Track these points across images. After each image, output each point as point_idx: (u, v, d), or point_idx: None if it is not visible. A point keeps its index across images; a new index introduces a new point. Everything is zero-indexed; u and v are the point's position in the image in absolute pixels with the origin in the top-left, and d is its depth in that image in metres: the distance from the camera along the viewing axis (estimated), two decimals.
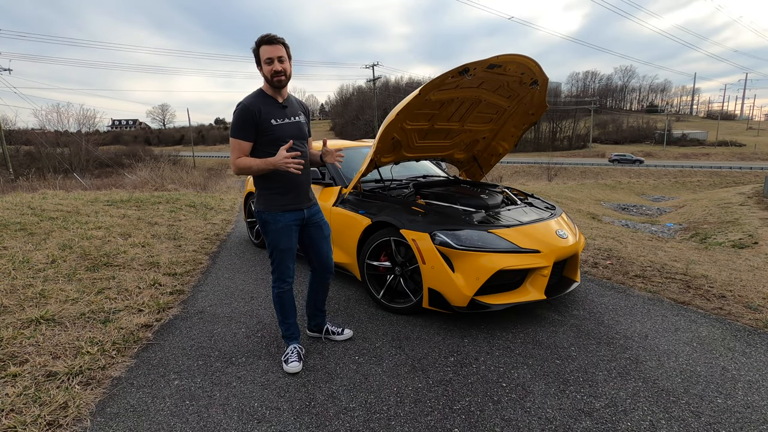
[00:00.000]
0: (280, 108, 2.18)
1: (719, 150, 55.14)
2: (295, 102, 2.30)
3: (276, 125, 2.14)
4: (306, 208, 2.32)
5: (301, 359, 2.37)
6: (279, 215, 2.23)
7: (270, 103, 2.15)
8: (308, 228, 2.37)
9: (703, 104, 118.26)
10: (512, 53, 2.91)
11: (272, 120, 2.13)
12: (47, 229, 5.07)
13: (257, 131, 2.11)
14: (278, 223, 2.23)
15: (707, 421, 1.91)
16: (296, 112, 2.26)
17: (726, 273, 4.31)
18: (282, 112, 2.18)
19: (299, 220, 2.30)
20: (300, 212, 2.29)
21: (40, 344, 2.50)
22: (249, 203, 5.02)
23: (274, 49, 2.06)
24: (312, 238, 2.40)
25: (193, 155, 44.82)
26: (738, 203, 13.60)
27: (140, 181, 13.13)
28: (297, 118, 2.24)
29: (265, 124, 2.11)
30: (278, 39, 2.07)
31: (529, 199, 3.90)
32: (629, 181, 26.98)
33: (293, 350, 2.39)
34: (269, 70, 2.07)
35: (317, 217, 2.40)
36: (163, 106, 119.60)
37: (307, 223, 2.35)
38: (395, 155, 3.79)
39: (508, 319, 2.96)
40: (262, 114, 2.10)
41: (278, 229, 2.24)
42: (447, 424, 1.91)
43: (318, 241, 2.42)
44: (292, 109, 2.24)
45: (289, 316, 2.42)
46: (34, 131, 37.42)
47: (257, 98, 2.14)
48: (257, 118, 2.08)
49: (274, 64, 2.06)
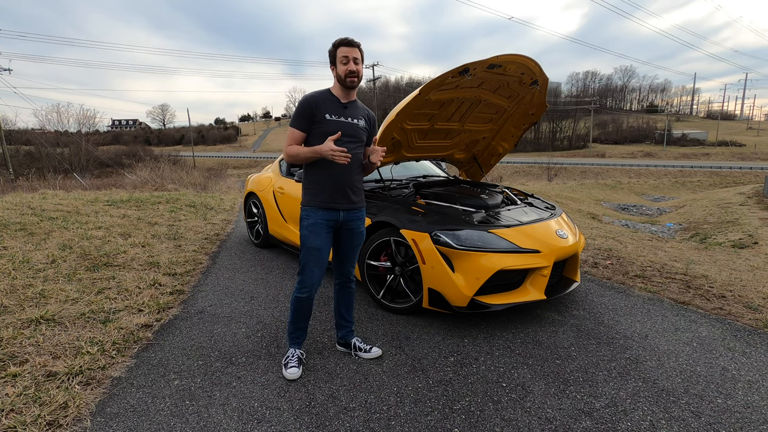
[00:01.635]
0: (341, 107, 2.20)
1: (719, 150, 55.10)
2: (359, 108, 2.29)
3: (329, 120, 2.15)
4: (343, 210, 2.25)
5: (301, 364, 2.31)
6: (312, 211, 2.22)
7: (331, 100, 2.19)
8: (340, 231, 2.31)
9: (703, 104, 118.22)
10: (512, 53, 2.92)
11: (327, 114, 2.15)
12: (47, 229, 5.07)
13: (312, 123, 2.15)
14: (310, 218, 2.22)
15: (707, 421, 1.91)
16: (357, 115, 2.25)
17: (726, 273, 4.31)
18: (340, 111, 2.19)
19: (333, 221, 2.24)
20: (335, 212, 2.23)
21: (40, 344, 2.50)
22: (249, 203, 5.02)
23: (352, 50, 2.12)
24: (341, 241, 2.34)
25: (193, 155, 44.83)
26: (738, 203, 13.59)
27: (140, 181, 13.13)
28: (355, 120, 2.23)
29: (319, 116, 2.14)
30: (356, 42, 2.14)
31: (529, 199, 3.90)
32: (629, 181, 26.98)
33: (293, 354, 2.34)
34: (344, 69, 2.12)
35: (354, 224, 2.32)
36: (163, 106, 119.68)
37: (341, 226, 2.29)
38: (395, 155, 3.79)
39: (508, 319, 2.96)
40: (319, 107, 2.14)
41: (309, 224, 2.22)
42: (447, 424, 1.91)
43: (343, 245, 2.36)
44: (353, 111, 2.24)
45: (301, 320, 2.36)
46: (34, 131, 37.40)
47: (321, 93, 2.20)
48: (313, 110, 2.14)
49: (350, 64, 2.11)
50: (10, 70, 28.89)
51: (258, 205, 4.81)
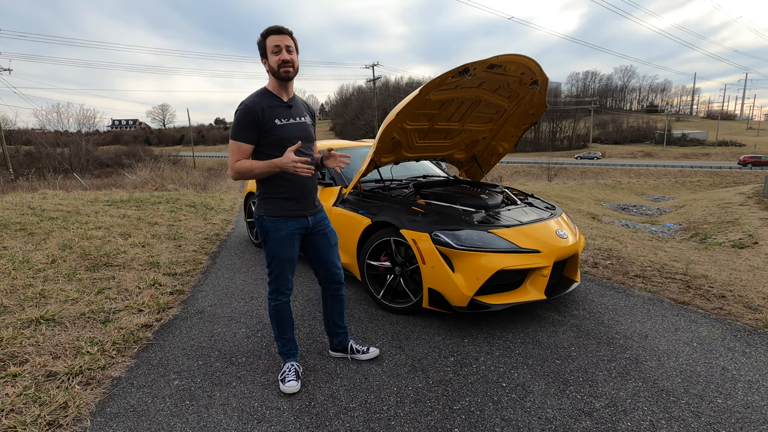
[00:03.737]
0: (285, 107, 2.04)
1: (719, 150, 55.13)
2: (300, 102, 2.16)
3: (280, 125, 1.99)
4: (311, 215, 2.16)
5: (299, 378, 2.20)
6: (281, 222, 2.07)
7: (274, 102, 2.01)
8: (312, 237, 2.20)
9: (703, 104, 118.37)
10: (512, 53, 2.91)
11: (276, 120, 1.98)
12: (47, 229, 5.07)
13: (260, 132, 1.97)
14: (280, 231, 2.07)
15: (707, 421, 1.91)
16: (302, 113, 2.12)
17: (726, 273, 4.31)
18: (287, 112, 2.03)
19: (302, 229, 2.14)
20: (304, 219, 2.13)
21: (40, 344, 2.50)
22: (249, 203, 5.02)
23: (283, 38, 1.94)
24: (316, 247, 2.23)
25: (193, 155, 44.83)
26: (738, 203, 13.60)
27: (140, 181, 13.14)
28: (302, 119, 2.11)
29: (268, 124, 1.96)
30: (286, 29, 1.97)
31: (529, 199, 3.90)
32: (629, 181, 26.99)
33: (290, 368, 2.21)
34: (276, 60, 1.94)
35: (322, 225, 2.23)
36: (163, 106, 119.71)
37: (311, 231, 2.19)
38: (395, 155, 3.79)
39: (508, 319, 2.95)
40: (265, 114, 1.95)
41: (279, 237, 2.07)
42: (447, 424, 1.91)
43: (323, 251, 2.25)
44: (297, 109, 2.10)
45: (286, 331, 2.25)
46: (34, 131, 37.43)
47: (260, 97, 1.99)
48: (260, 119, 1.94)
49: (282, 54, 1.93)
50: (10, 70, 28.93)
51: None
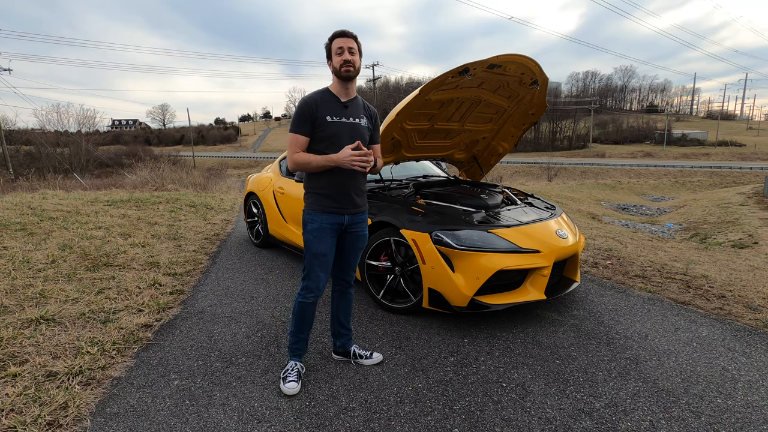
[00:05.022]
0: (341, 106, 2.12)
1: (719, 150, 55.10)
2: (361, 105, 2.22)
3: (330, 122, 2.08)
4: (348, 215, 2.19)
5: (300, 379, 2.22)
6: (317, 215, 2.15)
7: (330, 100, 2.11)
8: (345, 235, 2.25)
9: (703, 104, 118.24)
10: (512, 53, 2.92)
11: (327, 116, 2.08)
12: (47, 229, 5.07)
13: (313, 126, 2.09)
14: (314, 222, 2.16)
15: (707, 421, 1.91)
16: (358, 114, 2.18)
17: (726, 273, 4.31)
18: (341, 111, 2.12)
19: (337, 225, 2.18)
20: (340, 217, 2.17)
21: (40, 344, 2.50)
22: (249, 203, 5.02)
23: (347, 41, 2.06)
24: (345, 244, 2.27)
25: (193, 155, 44.81)
26: (738, 203, 13.60)
27: (140, 181, 13.13)
28: (357, 120, 2.16)
29: (320, 119, 2.07)
30: (351, 33, 2.08)
31: (529, 199, 3.90)
32: (629, 181, 26.98)
33: (293, 368, 2.24)
34: (339, 60, 2.05)
35: (359, 227, 2.26)
36: (163, 106, 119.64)
37: (345, 230, 2.23)
38: (395, 155, 3.79)
39: (508, 319, 2.96)
40: (318, 109, 2.07)
41: (313, 229, 2.15)
42: (447, 424, 1.91)
43: (347, 250, 2.29)
44: (354, 110, 2.16)
45: (303, 329, 2.28)
46: (34, 131, 37.44)
47: (319, 94, 2.13)
48: (314, 113, 2.07)
49: (345, 54, 2.04)
50: (10, 70, 28.90)
51: (258, 205, 4.81)
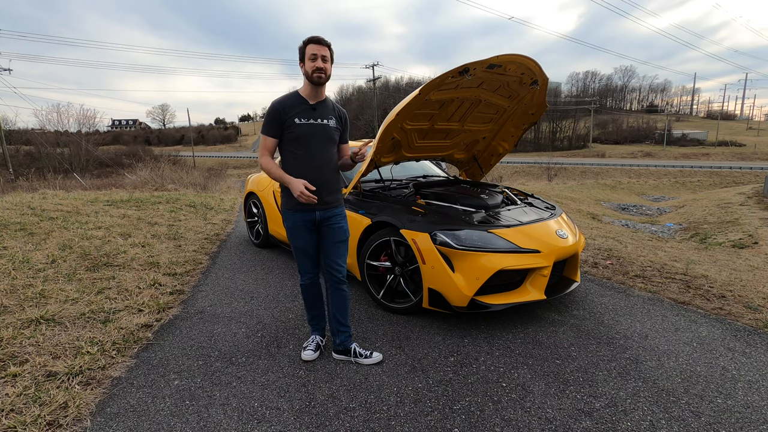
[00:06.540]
0: (309, 108, 2.23)
1: (719, 150, 55.07)
2: (330, 106, 2.32)
3: (299, 124, 2.20)
4: (319, 210, 2.31)
5: (318, 349, 2.48)
6: (290, 214, 2.33)
7: (299, 103, 2.23)
8: (322, 229, 2.37)
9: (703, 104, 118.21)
10: (512, 53, 2.91)
11: (296, 118, 2.19)
12: (47, 229, 5.07)
13: (282, 128, 2.21)
14: (289, 220, 2.34)
15: (707, 421, 1.91)
16: (327, 116, 2.28)
17: (726, 273, 4.31)
18: (309, 113, 2.22)
19: (310, 222, 2.32)
20: (311, 213, 2.30)
21: (40, 344, 2.50)
22: (249, 203, 5.02)
23: (322, 48, 2.17)
24: (323, 238, 2.39)
25: (193, 155, 44.79)
26: (738, 203, 13.60)
27: (140, 181, 13.12)
28: (326, 121, 2.26)
29: (288, 122, 2.19)
30: (326, 41, 2.19)
31: (529, 199, 3.90)
32: (629, 181, 26.98)
33: (313, 340, 2.53)
34: (312, 66, 2.15)
35: (333, 221, 2.36)
36: (162, 106, 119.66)
37: (320, 224, 2.35)
38: (395, 155, 3.79)
39: (508, 319, 2.95)
40: (287, 111, 2.19)
41: (290, 226, 2.35)
42: (447, 424, 1.91)
43: (327, 244, 2.38)
44: (322, 111, 2.27)
45: (312, 307, 2.53)
46: (34, 131, 37.36)
47: (288, 97, 2.24)
48: (282, 116, 2.19)
49: (317, 61, 2.15)
50: (10, 70, 28.88)
51: (258, 205, 4.81)
